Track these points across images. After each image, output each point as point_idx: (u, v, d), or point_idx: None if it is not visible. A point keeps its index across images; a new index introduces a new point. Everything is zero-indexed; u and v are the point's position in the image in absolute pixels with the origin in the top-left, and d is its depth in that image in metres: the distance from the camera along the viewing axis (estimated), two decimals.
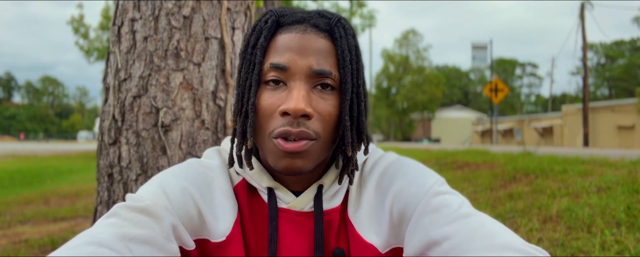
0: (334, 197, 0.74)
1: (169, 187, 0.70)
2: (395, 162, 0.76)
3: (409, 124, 47.07)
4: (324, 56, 0.67)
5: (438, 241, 0.61)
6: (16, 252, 2.94)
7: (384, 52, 46.68)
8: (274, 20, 0.70)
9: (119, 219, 0.61)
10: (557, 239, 2.29)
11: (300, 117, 0.64)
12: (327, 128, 0.67)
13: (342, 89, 0.68)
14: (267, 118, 0.67)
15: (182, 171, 0.74)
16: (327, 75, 0.67)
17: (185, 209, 0.69)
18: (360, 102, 0.70)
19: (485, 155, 6.62)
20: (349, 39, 0.69)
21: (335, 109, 0.68)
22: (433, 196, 0.67)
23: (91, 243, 0.55)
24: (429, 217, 0.65)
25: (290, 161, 0.65)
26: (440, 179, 0.72)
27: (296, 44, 0.67)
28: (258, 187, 0.74)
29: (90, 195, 5.86)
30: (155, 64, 1.39)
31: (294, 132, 0.64)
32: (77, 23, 15.80)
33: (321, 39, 0.68)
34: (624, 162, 4.31)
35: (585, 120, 19.23)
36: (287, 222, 0.72)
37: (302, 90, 0.65)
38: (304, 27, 0.69)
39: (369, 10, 16.32)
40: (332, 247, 0.72)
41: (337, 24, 0.69)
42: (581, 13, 20.29)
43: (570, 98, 43.47)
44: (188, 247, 0.68)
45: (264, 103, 0.67)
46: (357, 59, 0.70)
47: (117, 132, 1.41)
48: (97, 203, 1.47)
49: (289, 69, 0.66)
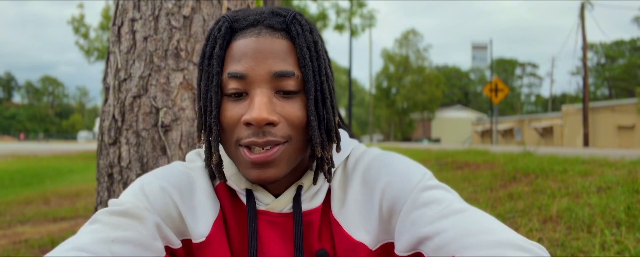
0: (314, 198, 0.72)
1: (148, 188, 0.70)
2: (379, 157, 0.74)
3: (409, 124, 47.06)
4: (281, 57, 0.64)
5: (430, 236, 0.59)
6: (16, 252, 2.94)
7: (384, 52, 46.69)
8: (228, 26, 0.66)
9: (100, 224, 0.61)
10: (557, 239, 2.29)
11: (265, 125, 0.62)
12: (298, 130, 0.65)
13: (305, 89, 0.65)
14: (231, 129, 0.65)
15: (164, 172, 0.74)
16: (289, 76, 0.63)
17: (165, 209, 0.69)
18: (325, 99, 0.67)
19: (485, 155, 6.62)
20: (306, 35, 0.66)
21: (301, 111, 0.65)
22: (422, 190, 0.66)
23: (72, 249, 0.56)
24: (418, 212, 0.63)
25: (260, 172, 0.63)
26: (428, 172, 0.71)
27: (251, 50, 0.63)
28: (237, 189, 0.72)
29: (90, 195, 5.86)
30: (155, 64, 1.39)
31: (260, 142, 0.62)
32: (78, 23, 15.79)
33: (277, 40, 0.65)
34: (624, 162, 4.31)
35: (585, 120, 19.22)
36: (266, 223, 0.71)
37: (264, 98, 0.62)
38: (258, 30, 0.65)
39: (369, 10, 16.32)
40: (315, 248, 0.70)
41: (293, 21, 0.66)
42: (581, 13, 20.28)
43: (570, 98, 43.45)
44: (174, 245, 0.68)
45: (227, 114, 0.64)
46: (317, 55, 0.67)
47: (117, 132, 1.41)
48: (97, 203, 1.47)
49: (248, 77, 0.63)
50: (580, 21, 20.31)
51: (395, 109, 45.34)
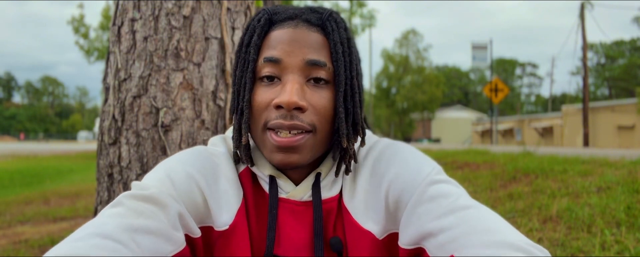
0: (333, 186, 0.73)
1: (174, 173, 0.69)
2: (389, 147, 0.75)
3: (409, 124, 47.04)
4: (316, 48, 0.68)
5: (434, 233, 0.60)
6: (16, 252, 2.94)
7: (384, 52, 46.64)
8: (267, 18, 0.70)
9: (123, 208, 0.60)
10: (557, 239, 2.29)
11: (294, 110, 0.65)
12: (323, 121, 0.67)
13: (336, 81, 0.68)
14: (260, 112, 0.67)
15: (189, 157, 0.73)
16: (321, 66, 0.67)
17: (190, 196, 0.68)
18: (355, 93, 0.70)
19: (485, 155, 6.62)
20: (341, 32, 0.70)
21: (329, 102, 0.68)
22: (429, 185, 0.66)
23: (96, 235, 0.54)
24: (425, 206, 0.63)
25: (284, 156, 0.66)
26: (437, 166, 0.72)
27: (289, 38, 0.67)
28: (260, 175, 0.74)
29: (90, 195, 5.86)
30: (155, 64, 1.39)
31: (287, 124, 0.64)
32: (78, 23, 15.80)
33: (313, 33, 0.69)
34: (624, 162, 4.31)
35: (585, 120, 19.22)
36: (287, 211, 0.72)
37: (296, 84, 0.65)
38: (296, 23, 0.69)
39: (369, 10, 16.36)
40: (330, 235, 0.72)
41: (329, 18, 0.70)
42: (581, 13, 20.28)
43: (570, 98, 43.46)
44: (194, 234, 0.68)
45: (259, 98, 0.68)
46: (349, 51, 0.70)
47: (117, 132, 1.41)
48: (97, 203, 1.47)
49: (282, 62, 0.66)
50: (580, 21, 20.31)
51: (395, 109, 45.30)
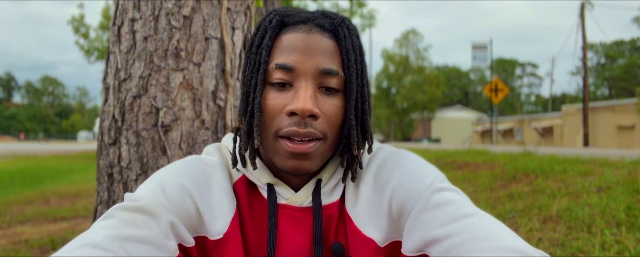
0: (333, 192, 0.74)
1: (167, 184, 0.69)
2: (393, 155, 0.75)
3: (409, 124, 47.05)
4: (329, 56, 0.67)
5: (438, 239, 0.60)
6: (16, 252, 2.94)
7: (384, 52, 46.66)
8: (279, 19, 0.70)
9: (114, 220, 0.61)
10: (557, 239, 2.29)
11: (308, 117, 0.65)
12: (333, 128, 0.68)
13: (347, 89, 0.68)
14: (272, 118, 0.67)
15: (181, 167, 0.73)
16: (334, 75, 0.67)
17: (183, 206, 0.69)
18: (365, 101, 0.70)
19: (485, 155, 6.62)
20: (353, 39, 0.70)
21: (340, 110, 0.68)
22: (434, 192, 0.66)
23: (86, 245, 0.54)
24: (429, 214, 0.64)
25: (297, 162, 0.66)
26: (440, 174, 0.72)
27: (302, 44, 0.67)
28: (258, 183, 0.74)
29: (90, 195, 5.86)
30: (155, 64, 1.39)
31: (302, 132, 0.65)
32: (78, 23, 15.79)
33: (326, 39, 0.68)
34: (624, 162, 4.31)
35: (585, 120, 19.22)
36: (286, 217, 0.72)
37: (309, 90, 0.65)
38: (309, 27, 0.69)
39: (369, 10, 16.35)
40: (331, 242, 0.72)
41: (341, 24, 0.70)
42: (581, 13, 20.29)
43: (570, 98, 43.45)
44: (187, 244, 0.68)
45: (270, 103, 0.67)
46: (361, 59, 0.70)
47: (117, 132, 1.41)
48: (97, 203, 1.47)
49: (296, 69, 0.66)
50: (580, 21, 20.32)
51: (395, 109, 45.32)
